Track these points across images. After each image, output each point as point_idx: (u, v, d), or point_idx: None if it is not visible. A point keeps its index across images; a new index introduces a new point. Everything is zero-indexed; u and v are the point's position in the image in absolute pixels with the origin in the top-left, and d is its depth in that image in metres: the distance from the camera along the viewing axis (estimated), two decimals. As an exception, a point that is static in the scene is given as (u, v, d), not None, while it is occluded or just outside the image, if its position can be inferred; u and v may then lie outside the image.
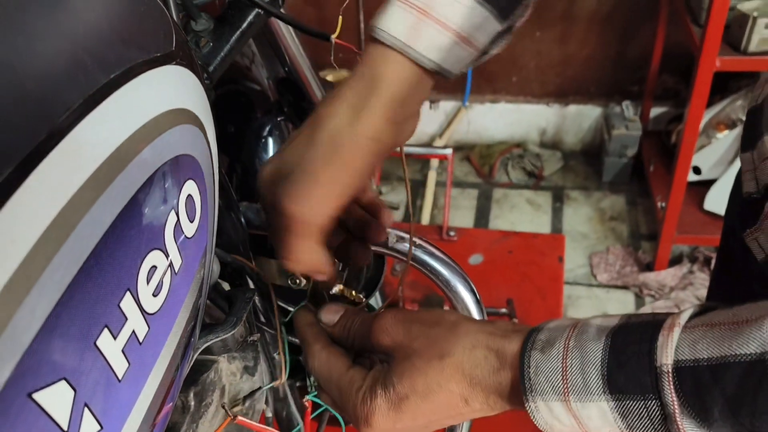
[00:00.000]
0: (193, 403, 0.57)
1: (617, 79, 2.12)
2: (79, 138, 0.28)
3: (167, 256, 0.34)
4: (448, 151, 1.85)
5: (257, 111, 0.91)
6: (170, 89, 0.35)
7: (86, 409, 0.28)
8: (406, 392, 0.41)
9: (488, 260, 1.78)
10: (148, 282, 0.32)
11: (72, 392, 0.27)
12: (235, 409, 0.55)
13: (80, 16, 0.32)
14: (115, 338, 0.30)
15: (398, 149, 0.54)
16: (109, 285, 0.29)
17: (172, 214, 0.34)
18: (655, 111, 2.11)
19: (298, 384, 0.73)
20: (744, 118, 1.92)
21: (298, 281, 0.67)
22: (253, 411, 0.66)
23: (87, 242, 0.28)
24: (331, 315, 0.51)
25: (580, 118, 2.21)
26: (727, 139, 1.79)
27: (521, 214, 2.08)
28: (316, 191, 0.45)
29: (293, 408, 0.77)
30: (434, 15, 0.45)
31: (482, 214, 2.09)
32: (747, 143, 0.59)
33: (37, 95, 0.28)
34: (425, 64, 0.46)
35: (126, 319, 0.30)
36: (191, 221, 0.37)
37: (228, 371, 0.63)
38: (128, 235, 0.31)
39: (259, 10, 0.68)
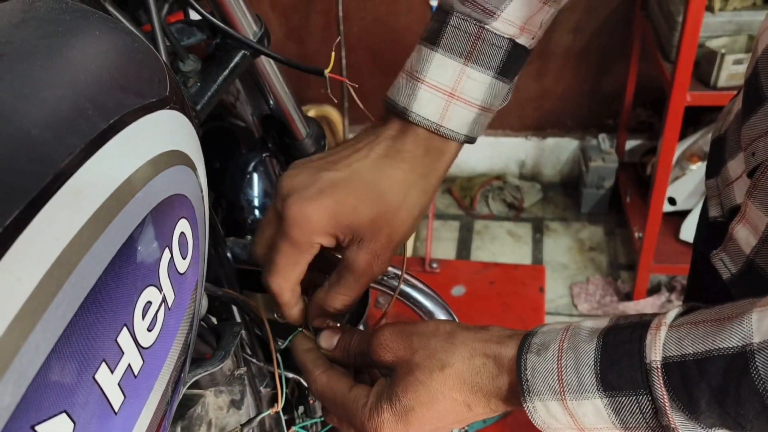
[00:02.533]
0: (180, 438, 0.58)
1: (593, 113, 2.18)
2: (81, 180, 0.30)
3: (161, 291, 0.35)
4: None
5: (242, 147, 0.92)
6: (164, 132, 0.37)
7: (84, 441, 0.29)
8: (411, 404, 0.43)
9: (470, 291, 1.80)
10: (143, 317, 0.33)
11: (72, 424, 0.28)
12: None
13: (81, 65, 0.34)
14: (112, 372, 0.31)
15: None
16: (107, 320, 0.31)
17: (167, 251, 0.36)
18: (630, 143, 2.17)
19: (285, 417, 0.74)
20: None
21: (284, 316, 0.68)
22: None
23: (88, 280, 0.29)
24: (329, 339, 0.52)
25: (557, 151, 2.26)
26: (700, 170, 1.84)
27: (502, 245, 2.10)
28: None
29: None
30: (461, 96, 0.50)
31: (464, 246, 2.11)
32: (711, 171, 0.63)
33: (42, 140, 0.30)
34: (458, 139, 0.51)
35: (123, 353, 0.32)
36: (184, 258, 0.38)
37: (215, 405, 0.64)
38: (125, 272, 0.32)
39: (246, 51, 0.70)
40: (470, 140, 0.53)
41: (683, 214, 1.84)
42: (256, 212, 0.90)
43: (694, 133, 1.89)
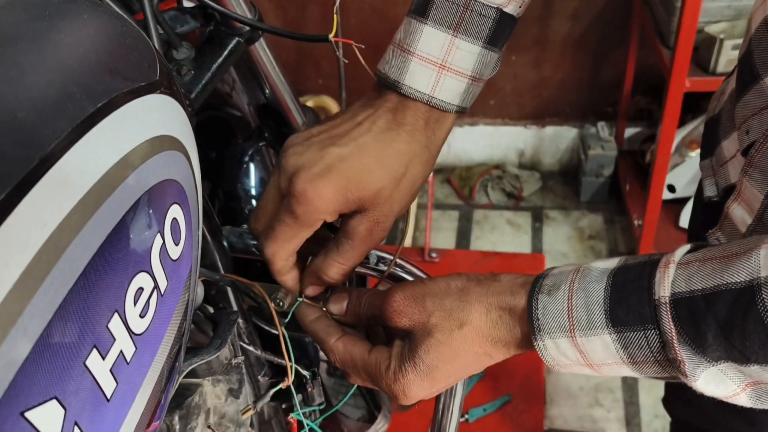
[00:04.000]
0: (178, 427, 0.57)
1: (591, 101, 2.17)
2: (68, 165, 0.29)
3: (153, 278, 0.35)
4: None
5: (238, 137, 0.92)
6: (155, 117, 0.37)
7: (76, 427, 0.29)
8: (435, 363, 0.45)
9: (470, 281, 1.80)
10: (135, 303, 0.33)
11: (62, 411, 0.28)
12: (248, 414, 0.56)
13: (68, 48, 0.34)
14: (103, 358, 0.30)
15: None
16: (97, 306, 0.30)
17: (158, 237, 0.35)
18: (630, 131, 2.16)
19: (283, 406, 0.74)
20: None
21: (280, 303, 0.68)
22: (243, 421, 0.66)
23: (76, 265, 0.29)
24: (339, 304, 0.53)
25: (557, 139, 2.25)
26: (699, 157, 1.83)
27: (502, 234, 2.10)
28: (344, 190, 0.48)
29: (277, 430, 0.77)
30: (451, 67, 0.50)
31: (463, 236, 2.11)
32: (706, 151, 0.64)
33: (28, 124, 0.29)
34: (449, 110, 0.51)
35: (114, 339, 0.31)
36: (176, 244, 0.38)
37: (213, 394, 0.63)
38: (116, 258, 0.32)
39: (240, 38, 0.70)
40: (462, 110, 0.53)
41: (682, 202, 1.84)
42: (253, 202, 0.89)
43: (693, 120, 1.89)
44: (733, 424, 0.89)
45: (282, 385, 0.54)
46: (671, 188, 1.86)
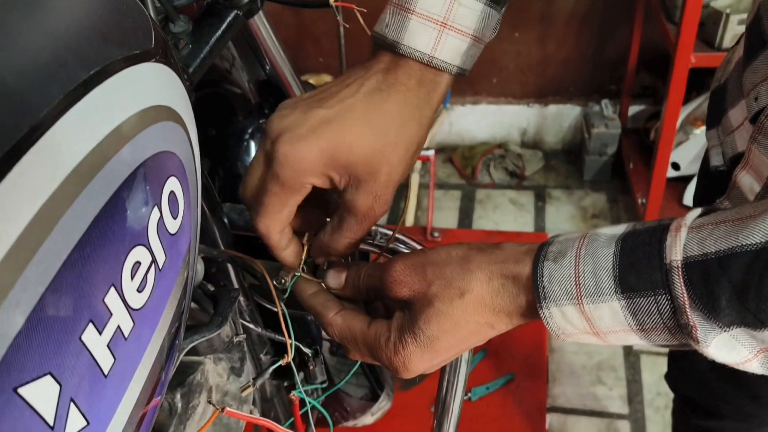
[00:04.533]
0: (180, 405, 0.57)
1: (595, 79, 2.14)
2: (60, 133, 0.28)
3: (151, 252, 0.34)
4: (431, 153, 1.86)
5: (238, 114, 0.91)
6: (150, 86, 0.35)
7: (72, 404, 0.28)
8: (436, 334, 0.44)
9: (473, 260, 1.79)
10: (132, 277, 0.32)
11: (57, 387, 0.27)
12: (248, 392, 0.55)
13: (60, 14, 0.32)
14: (100, 333, 0.30)
15: None
16: (93, 280, 0.29)
17: (155, 210, 0.34)
18: (634, 109, 2.14)
19: (285, 384, 0.73)
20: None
21: (283, 281, 0.67)
22: (241, 411, 0.66)
23: (70, 237, 0.28)
24: (337, 277, 0.51)
25: (560, 118, 2.23)
26: (704, 134, 1.81)
27: (504, 214, 2.09)
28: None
29: (280, 409, 0.77)
30: (453, 25, 0.48)
31: (466, 215, 2.10)
32: (712, 121, 0.63)
33: (18, 90, 0.28)
34: (450, 71, 0.50)
35: (111, 314, 0.30)
36: (174, 218, 0.37)
37: (214, 372, 0.63)
38: (111, 231, 0.31)
39: (239, 12, 0.68)
40: (462, 72, 0.51)
41: (687, 179, 1.82)
42: (254, 180, 0.88)
43: (697, 97, 1.86)
44: (736, 399, 0.89)
45: (282, 362, 0.53)
46: (675, 166, 1.84)
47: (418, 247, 0.60)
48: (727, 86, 0.61)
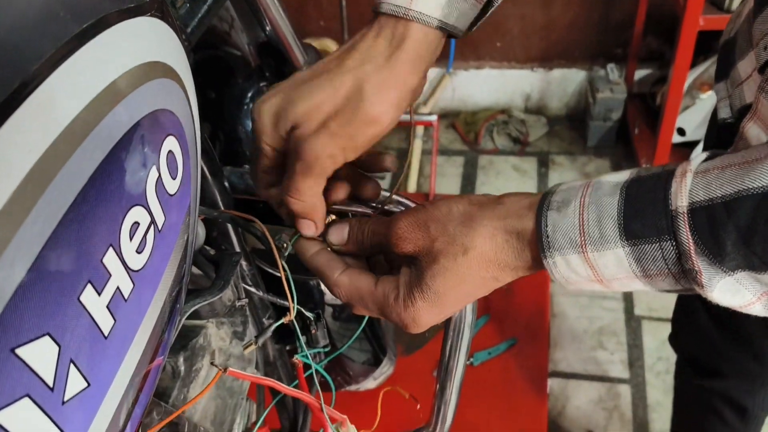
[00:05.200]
0: (183, 368, 0.57)
1: (601, 42, 2.11)
2: (53, 87, 0.27)
3: (150, 212, 0.33)
4: (433, 118, 1.84)
5: (238, 77, 0.89)
6: (146, 41, 0.34)
7: (72, 365, 0.28)
8: (442, 290, 0.44)
9: (475, 226, 1.79)
10: (131, 238, 0.32)
11: (56, 348, 0.27)
12: (250, 349, 0.55)
13: (49, -37, 0.31)
14: (99, 294, 0.29)
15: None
16: (90, 240, 0.29)
17: (153, 170, 0.34)
18: (640, 73, 2.11)
19: (287, 348, 0.73)
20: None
21: (285, 245, 0.66)
22: (246, 355, 0.66)
23: (65, 196, 0.27)
24: (339, 233, 0.51)
25: (564, 83, 2.20)
26: (711, 99, 1.79)
27: (507, 180, 2.08)
28: (335, 134, 0.46)
29: (282, 372, 0.77)
30: None
31: (468, 181, 2.09)
32: (720, 73, 0.63)
33: (8, 44, 0.27)
34: (430, 23, 0.47)
35: (110, 275, 0.30)
36: (173, 178, 0.36)
37: (217, 336, 0.63)
38: (108, 190, 0.30)
39: (237, -30, 0.66)
40: (448, 28, 0.48)
41: (692, 145, 1.80)
42: (255, 144, 0.87)
43: (705, 61, 1.84)
44: (739, 358, 0.89)
45: (284, 320, 0.53)
46: (681, 131, 1.82)
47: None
48: (736, 39, 0.61)
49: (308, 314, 0.71)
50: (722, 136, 0.59)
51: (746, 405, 0.96)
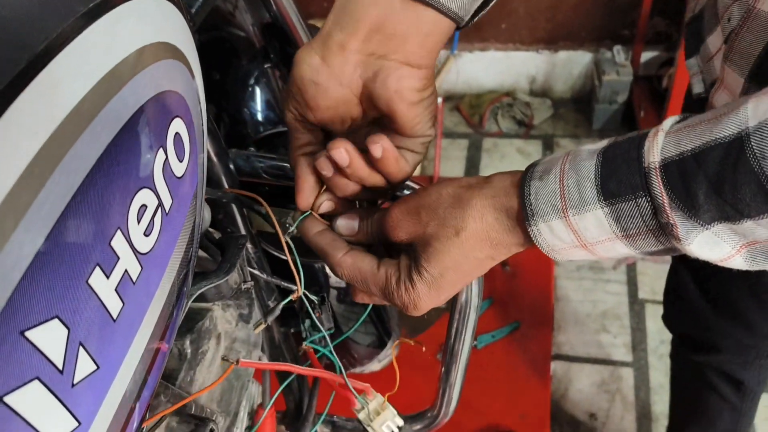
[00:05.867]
0: (189, 351, 0.57)
1: (608, 24, 2.09)
2: (59, 69, 0.27)
3: (157, 195, 0.33)
4: (438, 100, 1.82)
5: (242, 58, 0.88)
6: (153, 22, 0.34)
7: (81, 348, 0.28)
8: (439, 272, 0.45)
9: (479, 209, 1.78)
10: (138, 221, 0.31)
11: (65, 331, 0.27)
12: (259, 329, 0.55)
13: (53, -59, 0.31)
14: (107, 277, 0.29)
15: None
16: (98, 223, 0.28)
17: (161, 152, 0.33)
18: (646, 56, 2.09)
19: (292, 330, 0.74)
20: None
21: (289, 227, 0.66)
22: (250, 357, 0.66)
23: (73, 178, 0.27)
24: (350, 225, 0.51)
25: (570, 65, 2.19)
26: (717, 82, 1.77)
27: (512, 163, 2.07)
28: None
29: (288, 356, 0.77)
30: None
31: (472, 164, 2.08)
32: (690, 50, 0.66)
33: (14, 23, 0.27)
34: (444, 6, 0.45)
35: (118, 258, 0.30)
36: (180, 161, 0.36)
37: (223, 319, 0.63)
38: (116, 173, 0.30)
39: (242, -51, 0.66)
40: (449, 13, 0.45)
41: (698, 129, 1.79)
42: (260, 127, 0.87)
43: (713, 43, 1.82)
44: (732, 331, 0.89)
45: (293, 297, 0.53)
46: (687, 115, 1.81)
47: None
48: (703, 15, 0.63)
49: (313, 297, 0.71)
50: (696, 110, 0.61)
51: (742, 378, 0.96)
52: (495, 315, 1.59)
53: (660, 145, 0.37)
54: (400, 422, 0.64)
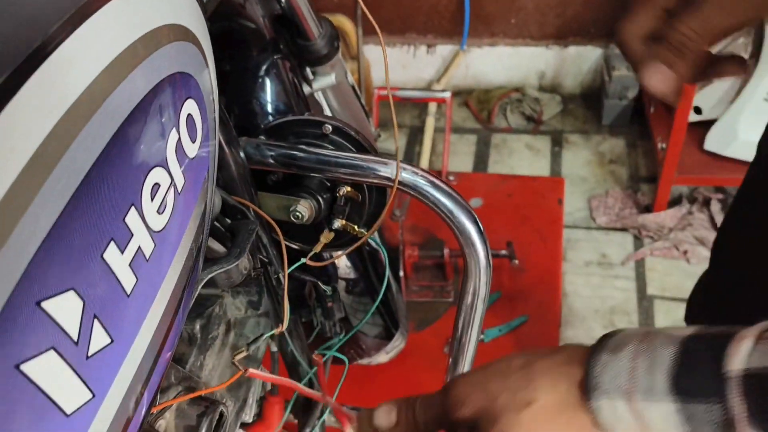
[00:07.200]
0: (199, 336, 0.58)
1: (618, 18, 2.07)
2: (73, 48, 0.27)
3: (170, 174, 0.34)
4: (447, 94, 1.82)
5: (253, 49, 0.89)
6: (165, 3, 0.34)
7: (96, 320, 0.28)
8: None
9: (488, 203, 1.78)
10: (152, 199, 0.32)
11: (81, 303, 0.27)
12: (240, 357, 0.55)
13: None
14: (122, 252, 0.29)
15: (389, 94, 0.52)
16: (113, 199, 0.29)
17: (173, 132, 0.34)
18: (656, 51, 2.08)
19: (303, 320, 0.74)
20: (746, 56, 1.88)
21: (300, 215, 0.67)
22: (258, 350, 0.67)
23: (88, 154, 0.27)
24: (387, 415, 0.47)
25: (579, 60, 2.18)
26: (728, 78, 1.76)
27: (520, 159, 2.07)
28: None
29: (297, 343, 0.78)
30: None
31: (481, 160, 2.08)
32: None
33: (28, 2, 0.27)
34: None
35: (132, 234, 0.30)
36: (193, 141, 0.36)
37: (233, 306, 0.63)
38: (130, 151, 0.30)
39: (253, -61, 0.66)
40: None
41: (708, 124, 1.78)
42: (270, 117, 0.87)
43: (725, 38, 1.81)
44: None
45: (275, 331, 0.52)
46: (697, 110, 1.80)
47: (423, 173, 0.59)
48: None
49: (324, 287, 0.72)
50: None
51: None
52: (502, 309, 1.59)
53: (745, 352, 0.34)
54: None
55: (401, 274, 1.53)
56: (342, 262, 1.01)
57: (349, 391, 0.78)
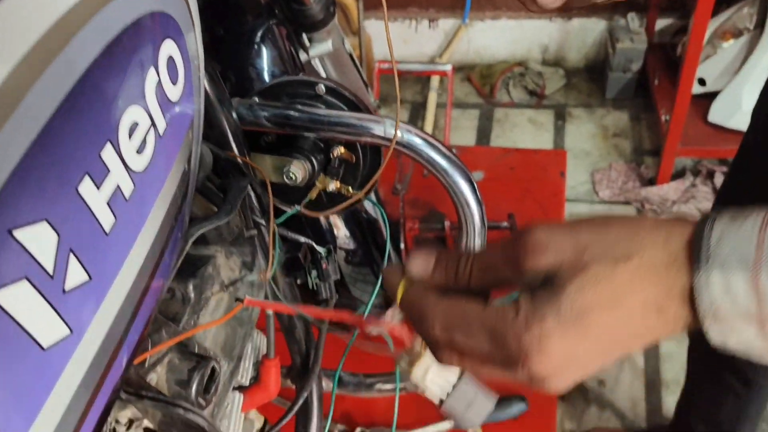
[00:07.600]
0: (193, 296, 0.58)
1: (623, -12, 2.05)
2: (45, -26, 0.27)
3: (149, 115, 0.33)
4: (448, 67, 1.81)
5: (247, 14, 0.88)
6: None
7: (72, 255, 0.28)
8: (588, 305, 0.33)
9: (490, 177, 1.77)
10: (130, 137, 0.31)
11: (55, 236, 0.27)
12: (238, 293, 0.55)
13: None
14: (98, 188, 0.29)
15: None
16: (87, 131, 0.28)
17: (152, 71, 0.33)
18: (661, 23, 2.05)
19: (298, 281, 0.74)
20: (750, 27, 1.84)
21: (293, 176, 0.66)
22: (253, 312, 0.67)
23: (61, 84, 0.27)
24: (424, 263, 0.39)
25: (583, 33, 2.16)
26: (732, 48, 1.74)
27: (523, 133, 2.05)
28: None
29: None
30: None
31: (483, 134, 2.07)
32: None
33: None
34: None
35: (108, 170, 0.30)
36: (174, 83, 0.36)
37: (226, 266, 0.63)
38: (106, 85, 0.30)
39: None
40: None
41: (712, 96, 1.76)
42: (264, 82, 0.86)
43: (727, 9, 1.78)
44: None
45: (261, 276, 0.51)
46: (702, 82, 1.78)
47: (424, 135, 0.58)
48: None
49: (319, 249, 0.71)
50: None
51: (749, 375, 0.96)
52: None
53: None
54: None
55: (402, 246, 1.53)
56: (341, 233, 1.01)
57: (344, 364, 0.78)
